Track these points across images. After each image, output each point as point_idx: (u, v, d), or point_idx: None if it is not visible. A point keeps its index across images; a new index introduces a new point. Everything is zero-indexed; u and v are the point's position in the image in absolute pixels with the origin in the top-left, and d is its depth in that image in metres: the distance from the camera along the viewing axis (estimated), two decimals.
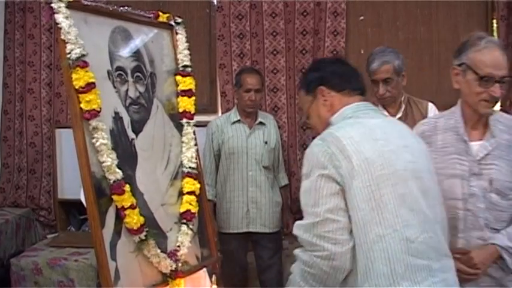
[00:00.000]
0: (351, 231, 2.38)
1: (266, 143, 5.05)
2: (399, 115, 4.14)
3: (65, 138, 6.03)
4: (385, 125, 2.61)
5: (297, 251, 2.52)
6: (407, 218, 2.35)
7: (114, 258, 3.15)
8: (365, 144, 2.42)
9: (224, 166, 5.05)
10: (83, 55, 3.11)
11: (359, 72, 2.84)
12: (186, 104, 3.86)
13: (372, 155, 2.39)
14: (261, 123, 5.07)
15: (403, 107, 4.20)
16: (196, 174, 3.79)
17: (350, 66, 2.83)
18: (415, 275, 2.31)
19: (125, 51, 3.57)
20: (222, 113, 6.29)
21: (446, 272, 2.44)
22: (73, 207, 6.17)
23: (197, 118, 3.98)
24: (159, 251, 3.35)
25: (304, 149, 6.13)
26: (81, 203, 3.24)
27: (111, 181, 3.15)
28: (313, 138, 2.60)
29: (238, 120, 5.08)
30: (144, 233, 3.26)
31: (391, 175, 2.38)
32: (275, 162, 5.20)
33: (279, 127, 5.63)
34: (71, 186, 5.95)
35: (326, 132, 2.55)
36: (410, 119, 4.04)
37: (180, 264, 3.48)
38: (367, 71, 4.15)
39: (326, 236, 2.35)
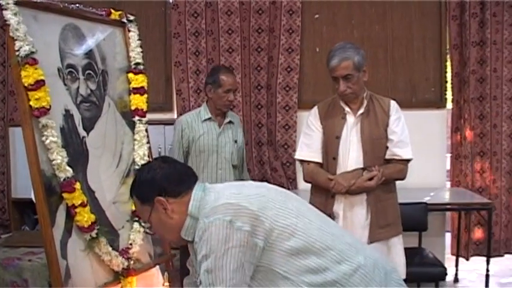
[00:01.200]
0: None
1: (236, 141, 5.01)
2: (361, 111, 4.04)
3: (18, 137, 5.88)
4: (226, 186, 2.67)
5: None
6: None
7: (64, 257, 3.14)
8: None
9: (194, 164, 4.97)
10: (32, 52, 3.09)
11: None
12: (138, 101, 3.85)
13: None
14: (230, 122, 5.04)
15: (365, 103, 4.07)
16: None
17: (177, 164, 2.73)
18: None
19: (76, 49, 3.54)
20: (178, 111, 6.30)
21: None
22: (27, 207, 6.10)
23: (153, 116, 3.99)
24: (110, 249, 3.35)
25: (260, 146, 6.16)
26: (34, 202, 3.21)
27: (62, 179, 3.13)
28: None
29: (209, 118, 4.99)
30: (95, 231, 3.25)
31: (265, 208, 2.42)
32: (240, 161, 5.18)
33: None
34: (25, 185, 5.85)
35: (206, 209, 2.46)
36: (372, 116, 4.04)
37: (132, 262, 3.48)
38: (327, 67, 4.07)
39: None
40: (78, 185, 3.18)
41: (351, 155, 4.02)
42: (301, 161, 4.26)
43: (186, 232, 2.54)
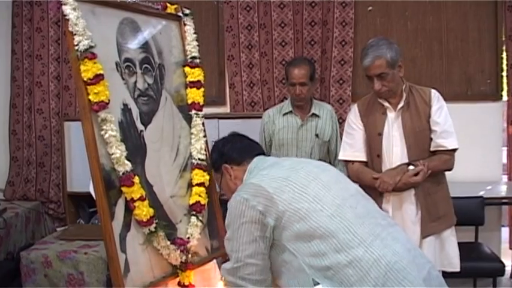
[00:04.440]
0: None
1: (317, 135, 4.92)
2: (401, 105, 3.99)
3: (73, 131, 6.02)
4: (280, 161, 3.02)
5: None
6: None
7: (123, 251, 3.15)
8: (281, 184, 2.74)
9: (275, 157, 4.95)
10: (91, 47, 3.11)
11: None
12: (195, 95, 3.86)
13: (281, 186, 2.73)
14: (314, 115, 4.96)
15: (405, 96, 4.01)
16: (206, 166, 3.79)
17: (244, 138, 3.31)
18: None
19: (133, 43, 3.56)
20: (231, 105, 6.30)
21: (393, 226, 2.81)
22: (82, 200, 6.16)
23: (206, 110, 3.97)
24: (168, 242, 3.35)
25: None
26: (90, 195, 3.23)
27: (121, 173, 3.15)
28: None
29: (290, 112, 4.94)
30: (154, 225, 3.26)
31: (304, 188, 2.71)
32: (331, 156, 5.06)
33: None
34: (80, 179, 5.95)
35: (244, 185, 2.87)
36: (413, 108, 3.99)
37: (190, 256, 3.48)
38: (362, 66, 4.02)
39: (248, 277, 2.73)
40: (137, 179, 3.20)
41: (395, 151, 3.99)
42: (346, 161, 4.26)
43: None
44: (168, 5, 3.87)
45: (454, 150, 3.99)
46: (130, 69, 3.47)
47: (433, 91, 4.06)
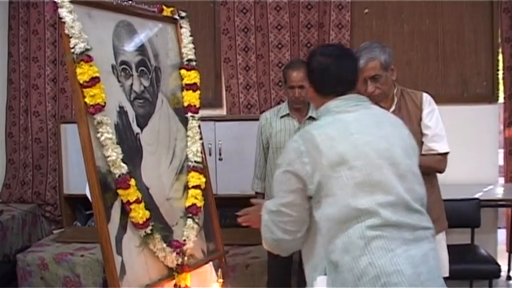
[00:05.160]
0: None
1: None
2: (392, 109, 3.89)
3: (70, 134, 6.01)
4: (362, 118, 2.72)
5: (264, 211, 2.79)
6: (382, 201, 2.50)
7: (120, 253, 3.16)
8: (339, 140, 2.58)
9: (271, 160, 4.91)
10: (87, 49, 3.12)
11: (353, 71, 2.89)
12: (191, 98, 3.86)
13: (345, 149, 2.55)
14: (311, 118, 4.86)
15: (396, 100, 3.94)
16: (202, 169, 3.80)
17: (344, 66, 2.84)
18: (387, 244, 2.46)
19: (129, 46, 3.57)
20: (227, 108, 6.31)
21: (420, 241, 2.56)
22: (79, 203, 6.16)
23: (202, 113, 3.98)
24: (165, 245, 3.36)
25: None
26: (87, 198, 3.24)
27: (117, 175, 3.15)
28: None
29: (287, 114, 4.88)
30: (150, 227, 3.27)
31: (365, 165, 2.53)
32: None
33: None
34: (76, 181, 5.94)
35: (305, 128, 2.76)
36: (404, 112, 3.90)
37: (186, 259, 3.48)
38: None
39: (279, 224, 2.67)
40: (133, 182, 3.21)
41: None
42: None
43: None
44: (164, 7, 3.88)
45: (446, 154, 3.93)
46: (127, 72, 3.48)
47: (425, 95, 4.00)
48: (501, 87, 6.19)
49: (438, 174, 3.98)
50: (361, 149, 2.55)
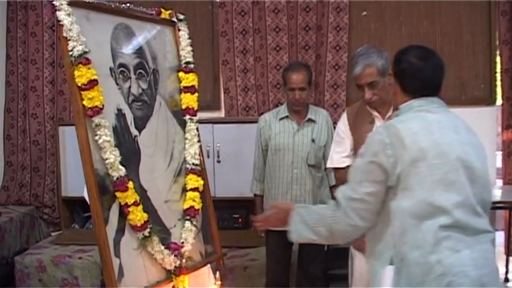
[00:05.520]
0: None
1: (313, 140, 4.84)
2: (389, 114, 3.83)
3: (68, 136, 6.01)
4: (442, 120, 2.77)
5: (332, 203, 2.84)
6: (455, 201, 2.58)
7: (118, 255, 3.17)
8: (422, 136, 2.65)
9: (270, 162, 4.93)
10: (85, 52, 3.13)
11: (440, 76, 2.90)
12: (189, 100, 3.87)
13: (427, 146, 2.62)
14: (310, 120, 4.89)
15: (392, 108, 3.80)
16: (200, 171, 3.80)
17: (434, 70, 2.87)
18: (455, 245, 2.55)
19: (128, 48, 3.57)
20: (226, 110, 6.31)
21: (482, 244, 2.63)
22: (77, 205, 6.16)
23: (200, 115, 3.99)
24: (162, 247, 3.36)
25: None
26: (85, 200, 3.24)
27: (115, 178, 3.16)
28: None
29: (286, 117, 4.88)
30: (148, 230, 3.27)
31: (444, 164, 2.61)
32: (319, 161, 4.94)
33: None
34: (74, 183, 5.94)
35: (390, 122, 2.82)
36: None
37: (184, 261, 3.48)
38: (351, 75, 3.97)
39: (360, 212, 2.71)
40: (131, 184, 3.21)
41: None
42: (334, 169, 4.24)
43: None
44: (163, 10, 3.88)
45: None
46: (125, 75, 3.48)
47: None
48: (499, 89, 6.19)
49: None
50: (441, 149, 2.62)
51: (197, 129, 3.88)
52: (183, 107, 3.86)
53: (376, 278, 2.70)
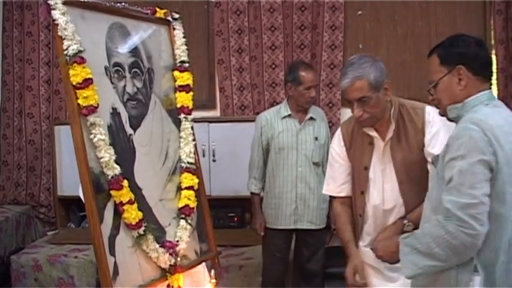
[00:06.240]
0: None
1: (316, 138, 4.88)
2: (389, 136, 3.39)
3: (64, 135, 6.01)
4: (507, 115, 2.72)
5: (440, 219, 2.58)
6: None
7: (112, 254, 3.17)
8: (510, 133, 2.58)
9: (273, 161, 4.93)
10: (80, 51, 3.13)
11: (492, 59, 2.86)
12: (184, 99, 3.87)
13: None
14: (311, 118, 4.90)
15: (393, 124, 3.38)
16: (195, 169, 3.81)
17: (488, 52, 2.85)
18: None
19: (123, 47, 3.58)
20: (221, 109, 6.31)
21: None
22: (73, 204, 6.17)
23: (196, 114, 4.00)
24: (157, 245, 3.37)
25: None
26: (80, 199, 3.25)
27: (109, 176, 3.17)
28: None
29: (289, 115, 4.89)
30: (143, 228, 3.28)
31: None
32: (324, 158, 4.92)
33: None
34: (70, 183, 5.94)
35: (476, 117, 2.61)
36: (404, 138, 3.40)
37: (179, 259, 3.49)
38: (340, 87, 3.42)
39: (478, 217, 2.49)
40: (125, 183, 3.22)
41: (385, 187, 3.43)
42: (330, 196, 3.80)
43: (453, 108, 2.74)
44: (158, 9, 3.89)
45: None
46: (120, 74, 3.49)
47: (427, 111, 3.40)
48: (494, 88, 6.21)
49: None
50: None
51: (192, 127, 3.89)
52: (178, 105, 3.86)
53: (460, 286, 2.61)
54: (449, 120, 2.81)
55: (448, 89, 2.74)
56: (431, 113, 3.36)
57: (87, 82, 3.12)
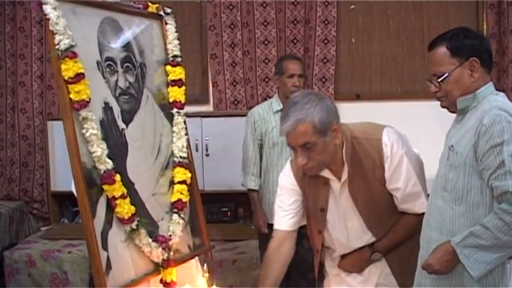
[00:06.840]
0: None
1: None
2: (345, 177, 3.07)
3: (57, 131, 5.99)
4: None
5: (504, 206, 2.53)
6: None
7: (105, 248, 3.16)
8: None
9: (268, 156, 4.91)
10: (72, 46, 3.11)
11: None
12: (177, 93, 3.87)
13: None
14: None
15: (347, 167, 3.04)
16: (187, 164, 3.80)
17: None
18: None
19: (115, 42, 3.57)
20: (214, 104, 6.31)
21: None
22: (66, 199, 6.16)
23: (189, 109, 4.00)
24: (150, 240, 3.36)
25: None
26: (73, 195, 3.24)
27: (102, 171, 3.16)
28: None
29: (281, 110, 4.79)
30: (136, 223, 3.27)
31: None
32: None
33: None
34: (63, 178, 5.92)
35: (499, 105, 2.65)
36: (360, 177, 3.08)
37: (171, 254, 3.49)
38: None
39: None
40: (118, 177, 3.21)
41: (349, 225, 3.17)
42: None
43: (463, 100, 2.76)
44: (150, 4, 3.88)
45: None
46: (112, 68, 3.48)
47: (384, 142, 3.04)
48: None
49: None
50: None
51: (185, 122, 3.88)
52: (171, 100, 3.86)
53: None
54: (451, 112, 2.86)
55: (460, 81, 2.76)
56: (388, 144, 3.04)
57: (79, 77, 3.10)
